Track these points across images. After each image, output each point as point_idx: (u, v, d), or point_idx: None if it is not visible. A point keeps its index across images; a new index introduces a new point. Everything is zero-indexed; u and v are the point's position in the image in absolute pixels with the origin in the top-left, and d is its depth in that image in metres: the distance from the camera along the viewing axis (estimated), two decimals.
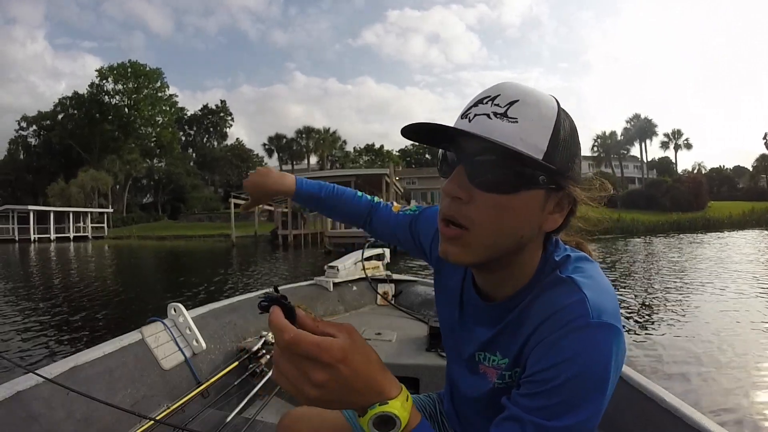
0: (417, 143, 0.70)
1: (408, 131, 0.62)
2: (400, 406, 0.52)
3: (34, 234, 33.63)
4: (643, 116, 54.13)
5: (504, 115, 0.57)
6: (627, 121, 54.76)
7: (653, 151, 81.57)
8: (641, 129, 53.37)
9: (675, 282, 8.36)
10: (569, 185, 0.61)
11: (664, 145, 55.56)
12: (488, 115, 0.58)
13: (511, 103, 0.58)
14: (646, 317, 5.71)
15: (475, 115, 0.59)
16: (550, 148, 0.58)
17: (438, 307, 0.87)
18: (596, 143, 55.26)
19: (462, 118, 0.61)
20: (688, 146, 55.31)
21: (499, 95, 0.59)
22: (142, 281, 11.81)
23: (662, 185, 37.17)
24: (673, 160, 56.44)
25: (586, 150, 57.42)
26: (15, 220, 34.29)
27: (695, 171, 56.97)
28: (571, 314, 0.57)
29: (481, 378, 0.74)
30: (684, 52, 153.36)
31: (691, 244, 18.55)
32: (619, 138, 54.37)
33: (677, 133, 55.19)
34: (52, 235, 34.89)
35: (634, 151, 55.51)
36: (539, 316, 0.61)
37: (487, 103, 0.59)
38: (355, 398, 0.50)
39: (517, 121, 0.57)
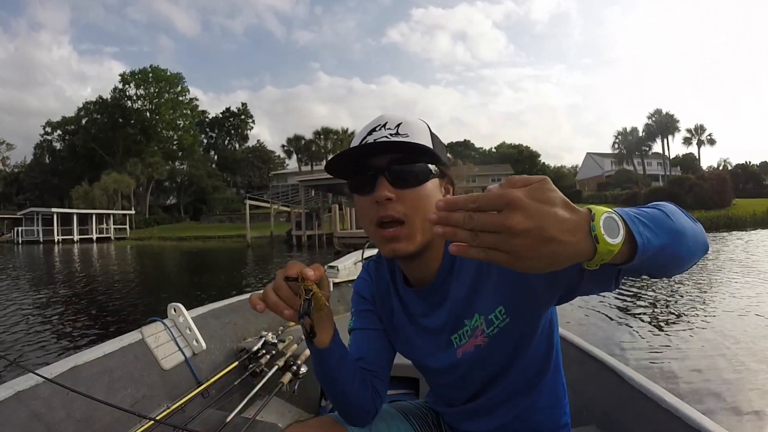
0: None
1: (331, 166, 0.77)
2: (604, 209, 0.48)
3: (57, 235, 34.58)
4: (664, 111, 52.59)
5: (397, 133, 0.77)
6: (648, 117, 53.11)
7: (676, 147, 79.74)
8: (663, 125, 51.77)
9: (686, 282, 8.16)
10: (448, 171, 0.82)
11: (687, 141, 54.02)
12: (387, 137, 0.76)
13: (399, 125, 0.78)
14: (657, 317, 5.59)
15: (375, 140, 0.76)
16: (434, 147, 0.78)
17: (394, 334, 0.93)
18: (617, 140, 54.05)
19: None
20: (712, 142, 53.54)
21: (386, 122, 0.78)
22: (155, 280, 12.01)
23: (685, 183, 36.15)
24: (697, 157, 54.87)
25: (607, 147, 56.46)
26: (39, 222, 35.34)
27: (720, 168, 55.37)
28: None
29: (471, 352, 0.82)
30: (708, 45, 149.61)
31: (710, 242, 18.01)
32: (640, 134, 52.99)
33: (700, 129, 53.54)
34: (76, 237, 35.87)
35: (657, 147, 54.04)
36: (470, 267, 0.78)
37: (380, 129, 0.78)
38: (570, 211, 0.45)
39: (408, 135, 0.77)
